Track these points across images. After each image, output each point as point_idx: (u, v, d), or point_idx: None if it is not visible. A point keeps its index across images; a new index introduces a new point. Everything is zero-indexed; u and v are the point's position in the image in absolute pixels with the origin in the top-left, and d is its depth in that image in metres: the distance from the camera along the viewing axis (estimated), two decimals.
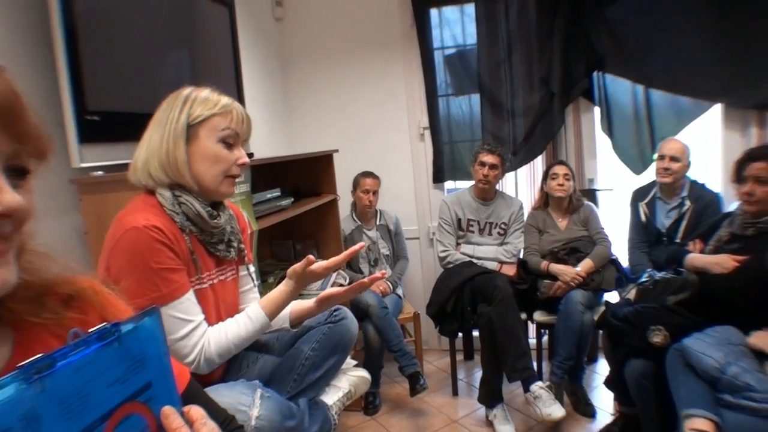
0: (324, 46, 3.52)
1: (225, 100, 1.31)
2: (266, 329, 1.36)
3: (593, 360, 3.19)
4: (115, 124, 1.68)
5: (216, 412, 0.80)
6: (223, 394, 1.13)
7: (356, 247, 1.41)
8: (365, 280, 1.41)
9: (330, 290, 1.46)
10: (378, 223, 3.26)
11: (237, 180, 1.37)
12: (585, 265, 2.72)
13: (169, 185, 1.26)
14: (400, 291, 3.21)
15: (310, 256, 1.37)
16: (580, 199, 2.96)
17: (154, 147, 1.26)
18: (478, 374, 3.03)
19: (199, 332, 1.24)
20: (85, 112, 1.56)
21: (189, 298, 1.23)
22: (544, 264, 2.81)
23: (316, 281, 1.42)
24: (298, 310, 1.50)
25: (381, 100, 3.50)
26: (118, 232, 1.17)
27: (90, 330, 0.50)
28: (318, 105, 3.59)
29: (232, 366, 1.46)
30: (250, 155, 1.39)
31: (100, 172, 1.64)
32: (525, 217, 3.06)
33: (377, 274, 1.43)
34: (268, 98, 3.31)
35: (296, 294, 1.40)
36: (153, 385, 0.56)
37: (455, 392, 3.03)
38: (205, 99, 1.28)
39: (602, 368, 3.07)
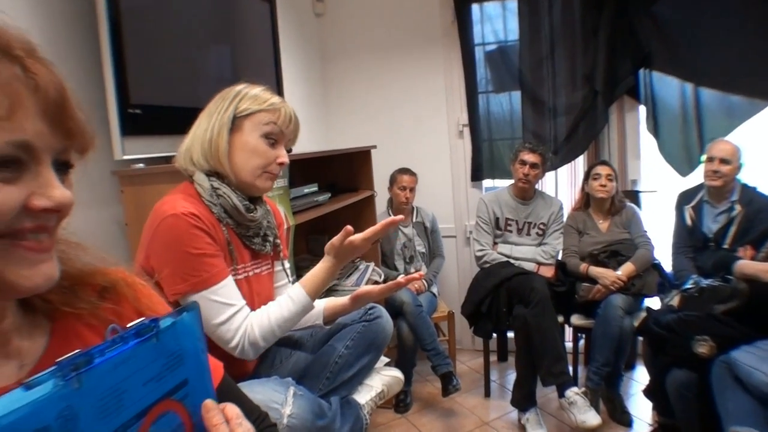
0: (363, 42, 3.51)
1: (276, 99, 1.32)
2: (309, 309, 1.34)
3: (631, 367, 3.10)
4: (156, 117, 1.70)
5: (249, 408, 0.80)
6: (256, 391, 1.13)
7: (397, 218, 1.36)
8: (401, 279, 1.40)
9: (365, 287, 1.45)
10: (414, 220, 3.24)
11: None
12: (626, 269, 2.64)
13: (208, 172, 1.28)
14: (435, 289, 3.19)
15: (349, 227, 1.32)
16: (622, 201, 2.87)
17: (199, 134, 1.29)
18: (512, 376, 2.98)
19: (240, 316, 1.24)
20: (128, 105, 1.58)
21: (229, 284, 1.24)
22: (583, 266, 2.74)
23: (355, 255, 1.38)
24: (332, 307, 1.49)
25: (420, 96, 3.47)
26: (157, 220, 1.18)
27: (128, 325, 0.50)
28: (356, 101, 3.58)
29: (264, 361, 1.46)
30: (288, 151, 1.39)
31: (141, 165, 1.67)
32: (564, 218, 3.00)
33: (414, 274, 1.41)
34: (306, 93, 3.32)
35: (336, 271, 1.37)
36: (189, 382, 0.55)
37: (487, 394, 2.99)
38: (255, 95, 1.31)
39: (640, 376, 2.98)
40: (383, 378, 1.57)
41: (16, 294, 0.54)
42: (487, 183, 3.52)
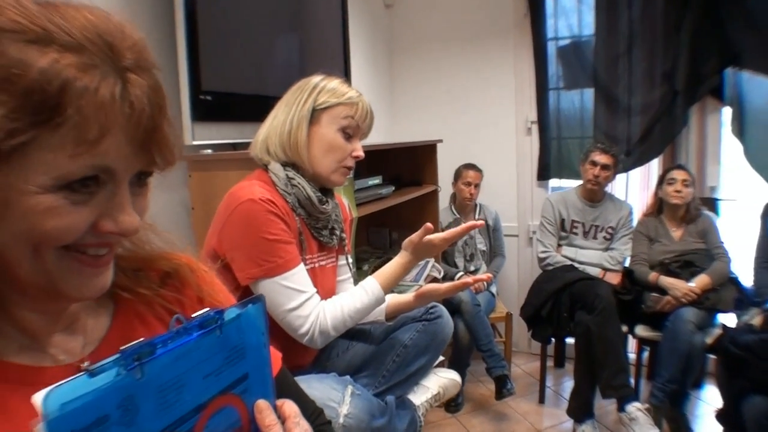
0: (432, 34, 3.46)
1: (353, 92, 1.33)
2: (381, 302, 1.34)
3: (699, 386, 2.91)
4: (225, 104, 1.73)
5: (305, 403, 0.79)
6: (313, 387, 1.13)
7: (477, 223, 1.37)
8: (469, 279, 1.39)
9: (431, 285, 1.43)
10: (477, 217, 3.19)
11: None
12: (700, 281, 2.48)
13: (284, 163, 1.30)
14: (494, 289, 3.14)
15: (429, 224, 1.33)
16: (698, 208, 2.71)
17: (277, 125, 1.30)
18: (568, 384, 2.89)
19: (312, 303, 1.25)
20: (199, 91, 1.61)
21: (301, 271, 1.25)
22: (653, 275, 2.60)
23: (432, 254, 1.38)
24: (395, 303, 1.47)
25: (488, 91, 3.39)
26: (233, 204, 1.20)
27: (193, 315, 0.49)
28: (423, 93, 3.54)
29: (321, 353, 1.47)
30: None
31: (209, 151, 1.69)
32: (634, 223, 2.86)
33: (483, 276, 1.39)
34: (373, 85, 3.31)
35: (410, 267, 1.37)
36: (249, 376, 0.54)
37: (542, 400, 2.91)
38: (333, 88, 1.31)
39: (710, 396, 2.80)
40: (440, 380, 1.54)
41: (64, 301, 0.55)
42: (553, 182, 3.41)
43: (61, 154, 0.44)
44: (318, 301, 1.27)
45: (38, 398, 0.36)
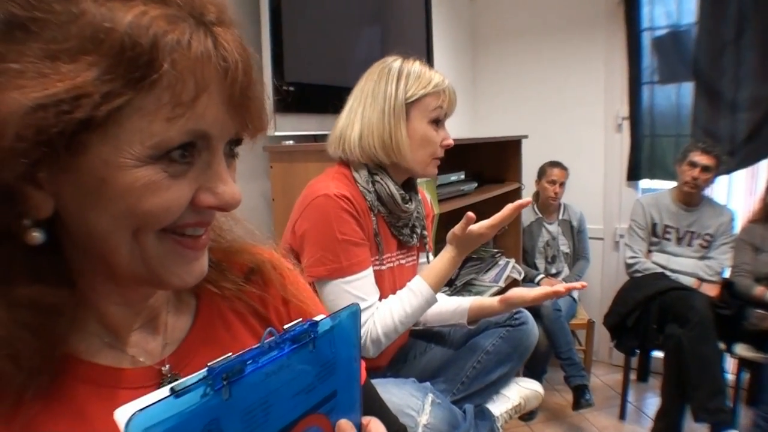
0: (518, 26, 3.33)
1: (437, 77, 1.26)
2: (431, 303, 1.26)
3: None
4: (307, 95, 1.72)
5: (388, 421, 0.73)
6: (392, 393, 1.08)
7: (525, 201, 1.24)
8: (561, 289, 1.28)
9: (518, 291, 1.33)
10: (560, 217, 3.05)
11: None
12: None
13: (373, 165, 1.25)
14: (575, 294, 2.98)
15: (470, 213, 1.23)
16: None
17: (373, 123, 1.22)
18: (651, 401, 2.70)
19: (368, 313, 1.20)
20: (282, 82, 1.60)
21: (367, 276, 1.20)
22: (758, 290, 2.36)
23: (478, 244, 1.28)
24: (477, 307, 1.38)
25: (576, 85, 3.22)
26: (309, 197, 1.18)
27: (285, 327, 0.44)
28: (506, 87, 3.43)
29: (398, 355, 1.42)
30: None
31: (290, 142, 1.69)
32: (736, 231, 2.62)
33: (576, 284, 1.29)
34: (455, 78, 3.22)
35: (459, 262, 1.27)
36: (337, 394, 0.49)
37: (622, 416, 2.72)
38: (419, 74, 1.24)
39: None
40: (521, 390, 1.46)
41: (163, 288, 0.52)
42: (644, 183, 3.19)
43: (157, 118, 0.40)
44: (374, 311, 1.21)
45: (121, 419, 0.32)
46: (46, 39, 0.38)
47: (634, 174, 3.11)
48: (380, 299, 1.25)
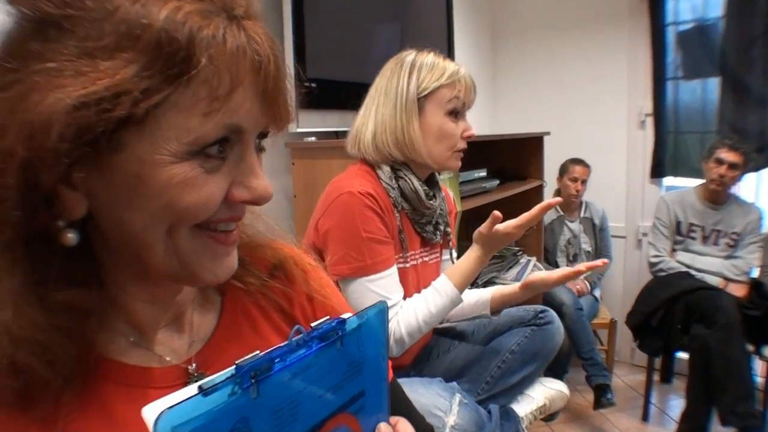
0: (539, 20, 3.29)
1: (451, 66, 1.23)
2: (457, 303, 1.23)
3: None
4: (328, 92, 1.71)
5: (416, 421, 0.72)
6: (419, 393, 1.07)
7: (553, 200, 1.21)
8: (582, 266, 1.23)
9: (539, 274, 1.30)
10: (582, 215, 3.01)
11: None
12: None
13: (401, 162, 1.23)
14: (597, 293, 2.95)
15: (497, 212, 1.20)
16: None
17: (386, 121, 1.21)
18: (675, 402, 2.65)
19: (391, 313, 1.18)
20: (304, 78, 1.60)
21: (391, 274, 1.18)
22: None
23: (505, 244, 1.25)
24: (499, 295, 1.35)
25: (598, 80, 3.17)
26: (333, 194, 1.16)
27: (312, 325, 0.43)
28: (527, 83, 3.39)
29: (422, 354, 1.40)
30: None
31: (312, 138, 1.68)
32: (764, 230, 2.56)
33: (597, 262, 1.24)
34: (475, 73, 3.15)
35: (485, 261, 1.24)
36: (365, 393, 0.48)
37: (645, 417, 2.67)
38: (431, 66, 1.21)
39: None
40: (546, 390, 1.43)
41: (195, 284, 0.52)
42: (668, 181, 3.13)
43: (193, 113, 0.40)
44: (398, 310, 1.19)
45: (150, 417, 0.32)
46: (81, 36, 0.38)
47: (657, 171, 3.05)
48: (404, 298, 1.23)
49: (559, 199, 1.26)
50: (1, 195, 0.38)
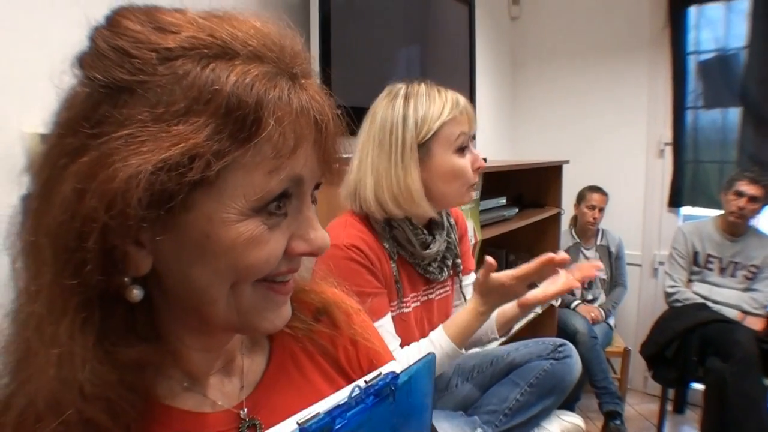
0: (559, 48, 3.30)
1: (450, 97, 1.14)
2: (454, 357, 1.16)
3: None
4: (353, 119, 1.71)
5: None
6: (442, 427, 1.07)
7: (558, 257, 1.09)
8: (577, 274, 1.17)
9: (533, 292, 1.18)
10: (598, 242, 3.00)
11: None
12: None
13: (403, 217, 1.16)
14: (611, 321, 2.93)
15: (489, 259, 1.11)
16: None
17: (382, 175, 1.12)
18: None
19: None
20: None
21: (384, 324, 1.13)
22: None
23: (506, 300, 1.17)
24: (501, 316, 1.31)
25: (618, 109, 3.16)
26: None
27: (367, 380, 0.44)
28: (546, 110, 3.39)
29: (438, 382, 1.40)
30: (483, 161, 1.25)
31: (335, 165, 1.68)
32: None
33: (591, 269, 1.20)
34: (495, 99, 3.22)
35: (485, 313, 1.16)
36: None
37: None
38: (427, 103, 1.12)
39: None
40: (563, 423, 1.43)
41: (252, 333, 0.54)
42: (685, 210, 3.11)
43: (258, 171, 0.42)
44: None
45: None
46: (153, 102, 0.39)
47: (675, 200, 3.04)
48: (409, 341, 1.20)
49: (567, 257, 1.12)
50: (83, 258, 0.39)
